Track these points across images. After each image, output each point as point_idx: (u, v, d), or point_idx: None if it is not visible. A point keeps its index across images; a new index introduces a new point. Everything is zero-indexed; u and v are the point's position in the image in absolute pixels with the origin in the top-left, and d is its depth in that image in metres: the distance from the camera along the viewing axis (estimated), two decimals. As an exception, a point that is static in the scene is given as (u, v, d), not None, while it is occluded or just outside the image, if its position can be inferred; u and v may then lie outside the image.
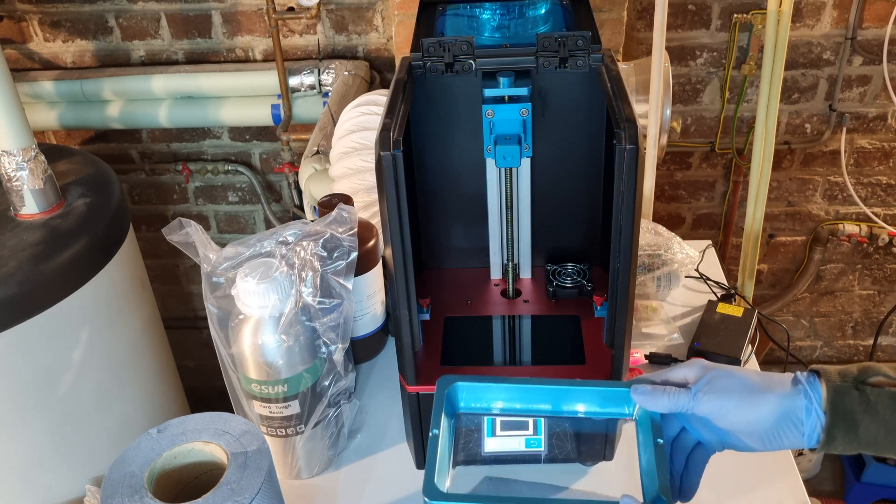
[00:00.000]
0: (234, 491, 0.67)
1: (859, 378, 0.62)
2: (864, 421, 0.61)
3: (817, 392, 0.63)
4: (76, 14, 1.90)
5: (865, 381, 0.62)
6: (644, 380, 0.69)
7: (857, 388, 0.62)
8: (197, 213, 2.20)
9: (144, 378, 1.45)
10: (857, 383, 0.62)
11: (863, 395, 0.61)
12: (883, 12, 1.82)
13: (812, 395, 0.63)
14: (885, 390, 0.62)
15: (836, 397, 0.62)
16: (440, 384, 0.68)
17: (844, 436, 0.62)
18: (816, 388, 0.63)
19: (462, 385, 0.69)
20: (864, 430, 0.61)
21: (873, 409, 0.61)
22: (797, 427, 0.63)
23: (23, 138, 1.24)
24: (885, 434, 0.61)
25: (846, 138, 2.00)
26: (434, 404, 0.67)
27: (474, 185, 0.92)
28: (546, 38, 0.78)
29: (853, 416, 0.61)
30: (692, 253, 1.18)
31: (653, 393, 0.66)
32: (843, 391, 0.62)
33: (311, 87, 1.83)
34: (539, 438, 0.84)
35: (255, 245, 0.86)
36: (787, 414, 0.63)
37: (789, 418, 0.63)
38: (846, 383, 0.62)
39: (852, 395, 0.62)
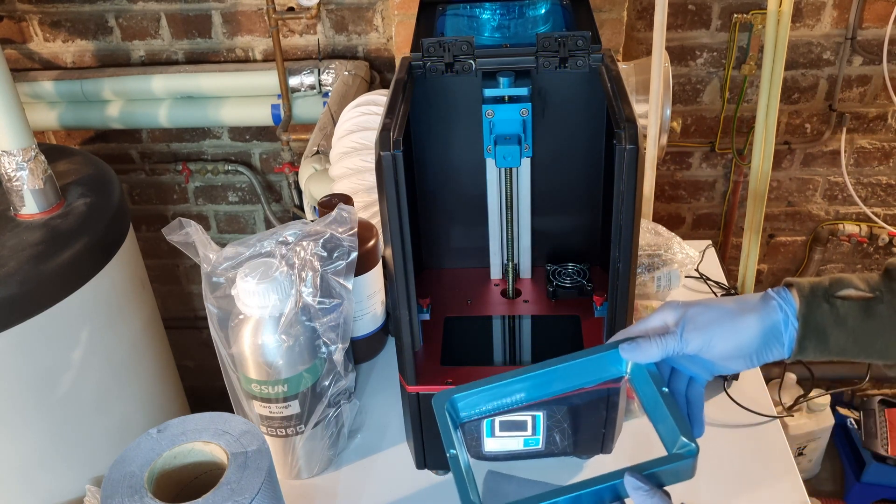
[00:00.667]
0: (234, 491, 0.67)
1: (830, 291, 0.65)
2: (834, 332, 0.64)
3: (791, 305, 0.65)
4: (76, 14, 1.90)
5: (836, 293, 0.65)
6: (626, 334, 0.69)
7: (827, 300, 0.64)
8: (197, 213, 2.20)
9: (144, 378, 1.45)
10: (828, 296, 0.65)
11: (833, 307, 0.64)
12: (883, 12, 1.82)
13: (787, 309, 0.65)
14: (854, 303, 0.64)
15: (808, 310, 0.64)
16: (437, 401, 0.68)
17: (815, 346, 0.65)
18: (790, 300, 0.65)
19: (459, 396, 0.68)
20: (834, 342, 0.64)
21: (842, 321, 0.64)
22: (779, 340, 0.65)
23: (23, 138, 1.24)
24: (853, 344, 0.64)
25: (846, 138, 2.00)
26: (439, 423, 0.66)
27: (474, 185, 0.92)
28: (546, 38, 0.78)
29: (823, 328, 0.64)
30: (692, 253, 1.18)
31: (641, 345, 0.67)
32: (815, 304, 0.64)
33: (311, 87, 1.83)
34: (538, 438, 0.85)
35: (255, 245, 0.86)
36: (769, 331, 0.65)
37: (772, 335, 0.65)
38: (817, 296, 0.65)
39: (823, 307, 0.64)
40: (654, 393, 0.65)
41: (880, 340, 0.64)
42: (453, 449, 0.64)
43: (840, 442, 2.19)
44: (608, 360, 0.69)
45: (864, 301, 0.64)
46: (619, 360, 0.69)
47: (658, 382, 0.66)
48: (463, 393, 0.68)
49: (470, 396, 0.69)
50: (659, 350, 0.66)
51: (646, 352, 0.67)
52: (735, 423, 0.98)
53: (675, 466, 0.60)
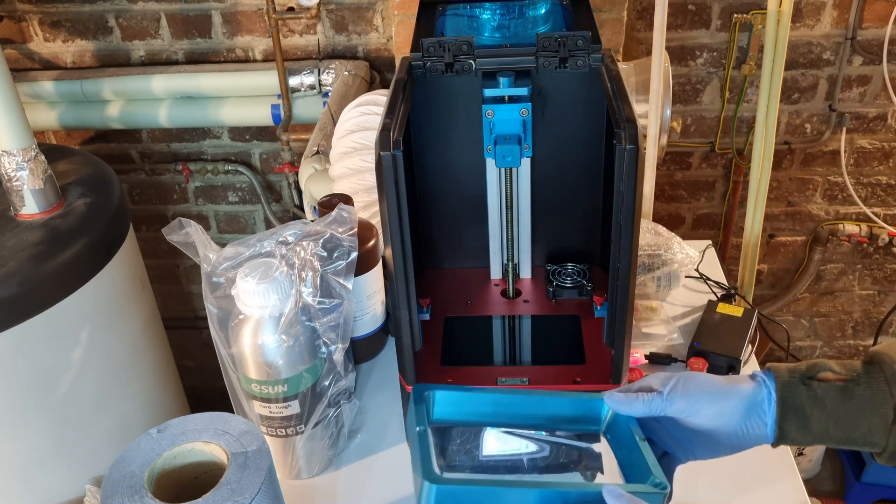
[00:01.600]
0: (234, 491, 0.67)
1: (807, 374, 0.65)
2: (814, 414, 0.63)
3: (772, 384, 0.65)
4: (76, 14, 1.90)
5: (813, 376, 0.65)
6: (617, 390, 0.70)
7: (804, 382, 0.64)
8: (197, 213, 2.20)
9: (144, 378, 1.45)
10: (805, 378, 0.65)
11: (810, 389, 0.64)
12: (883, 12, 1.82)
13: (770, 387, 0.65)
14: (831, 384, 0.64)
15: (785, 391, 0.64)
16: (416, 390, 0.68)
17: (797, 429, 0.64)
18: (772, 380, 0.66)
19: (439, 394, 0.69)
20: (815, 423, 0.64)
21: (821, 402, 0.63)
22: (761, 418, 0.65)
23: (23, 138, 1.24)
24: (834, 426, 0.63)
25: (846, 138, 2.00)
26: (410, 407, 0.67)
27: (474, 185, 0.92)
28: (546, 38, 0.78)
29: (802, 409, 0.64)
30: (692, 253, 1.18)
31: (626, 399, 0.68)
32: (792, 386, 0.64)
33: (311, 87, 1.83)
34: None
35: (255, 245, 0.86)
36: (754, 405, 0.65)
37: (756, 409, 0.65)
38: (794, 379, 0.65)
39: (800, 389, 0.64)
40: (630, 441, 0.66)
41: (863, 424, 0.63)
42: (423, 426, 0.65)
43: (840, 442, 2.18)
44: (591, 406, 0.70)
45: (841, 383, 0.64)
46: (600, 414, 0.70)
47: (636, 433, 0.67)
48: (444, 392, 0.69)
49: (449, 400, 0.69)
50: (643, 406, 0.67)
51: (631, 404, 0.67)
52: (735, 423, 0.98)
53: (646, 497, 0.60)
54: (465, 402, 0.70)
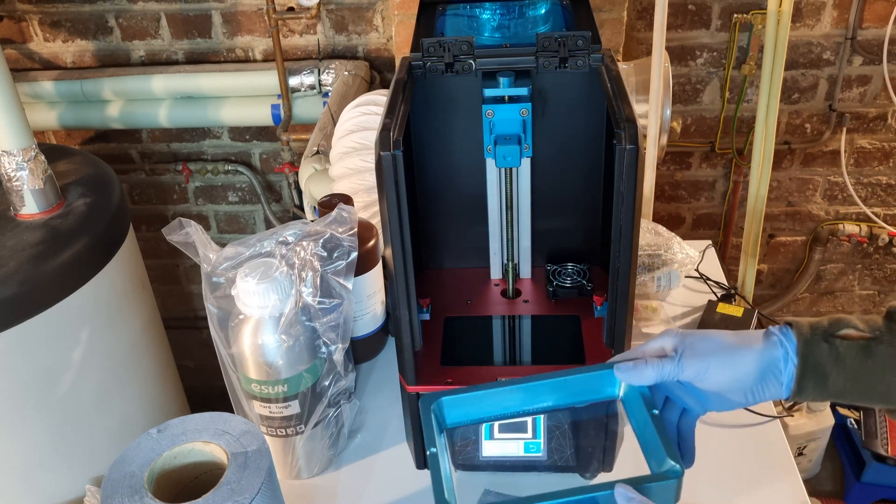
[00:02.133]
0: (234, 491, 0.67)
1: (829, 331, 0.64)
2: (833, 372, 0.63)
3: (792, 342, 0.64)
4: (76, 14, 1.90)
5: (835, 333, 0.64)
6: (623, 357, 0.68)
7: (826, 340, 0.63)
8: (197, 213, 2.20)
9: (144, 378, 1.45)
10: (827, 336, 0.64)
11: (832, 347, 0.63)
12: (883, 12, 1.82)
13: (788, 346, 0.64)
14: (853, 342, 0.63)
15: (806, 349, 0.63)
16: (423, 402, 0.67)
17: (814, 387, 0.63)
18: (791, 338, 0.64)
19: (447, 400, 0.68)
20: (833, 381, 0.63)
21: (842, 361, 0.63)
22: (777, 378, 0.64)
23: (23, 138, 1.24)
24: (852, 385, 0.63)
25: (846, 138, 2.00)
26: (423, 423, 0.66)
27: (474, 185, 0.92)
28: (546, 38, 0.78)
29: (822, 367, 0.63)
30: (692, 253, 1.18)
31: (636, 367, 0.66)
32: (813, 343, 0.63)
33: (311, 87, 1.83)
34: (538, 442, 0.84)
35: (255, 245, 0.86)
36: (768, 366, 0.64)
37: (770, 370, 0.64)
38: (816, 335, 0.64)
39: (822, 347, 0.63)
40: (644, 416, 0.65)
41: (881, 382, 0.62)
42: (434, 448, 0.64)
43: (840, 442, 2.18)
44: (602, 380, 0.69)
45: (863, 341, 0.63)
46: (614, 382, 0.68)
47: (649, 405, 0.65)
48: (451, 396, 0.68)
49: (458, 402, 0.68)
50: (654, 373, 0.65)
51: (641, 374, 0.66)
52: (735, 423, 0.98)
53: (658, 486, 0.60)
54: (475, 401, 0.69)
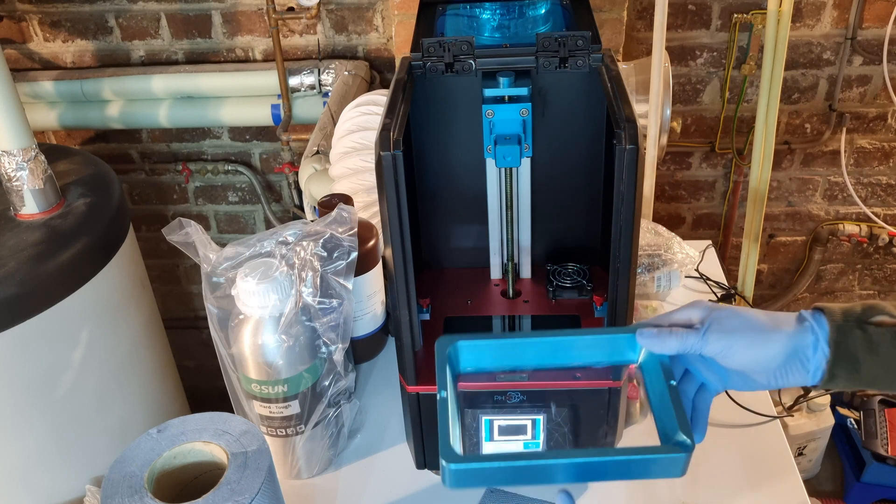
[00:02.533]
0: (234, 491, 0.67)
1: (863, 317, 0.62)
2: (867, 360, 0.61)
3: (823, 329, 0.62)
4: (76, 14, 1.90)
5: (869, 320, 0.62)
6: (649, 323, 0.67)
7: (860, 327, 0.62)
8: (197, 213, 2.20)
9: (144, 378, 1.45)
10: (861, 322, 0.62)
11: (865, 334, 0.61)
12: (883, 12, 1.82)
13: (819, 333, 0.62)
14: (888, 329, 0.62)
15: (840, 336, 0.62)
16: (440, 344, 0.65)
17: (846, 374, 0.62)
18: (823, 324, 0.63)
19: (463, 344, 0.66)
20: (866, 370, 0.61)
21: (875, 348, 0.61)
22: (803, 364, 0.63)
23: (23, 138, 1.24)
24: (884, 373, 0.62)
25: (846, 138, 2.00)
26: (437, 366, 0.65)
27: (474, 185, 0.92)
28: (546, 38, 0.78)
29: (855, 355, 0.61)
30: (692, 253, 1.18)
31: (660, 335, 0.64)
32: (847, 330, 0.62)
33: (311, 87, 1.83)
34: (537, 442, 0.84)
35: (255, 245, 0.86)
36: (796, 351, 0.63)
37: (797, 356, 0.63)
38: (849, 322, 0.62)
39: (855, 334, 0.62)
40: (661, 385, 0.63)
41: None
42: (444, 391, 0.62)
43: (840, 442, 2.19)
44: (623, 344, 0.67)
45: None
46: (634, 347, 0.66)
47: (668, 375, 0.64)
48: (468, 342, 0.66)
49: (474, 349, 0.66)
50: (677, 343, 0.64)
51: (664, 342, 0.64)
52: (735, 423, 0.98)
53: (666, 457, 0.59)
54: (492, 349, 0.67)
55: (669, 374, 0.64)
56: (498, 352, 0.67)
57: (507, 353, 0.67)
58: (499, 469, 0.58)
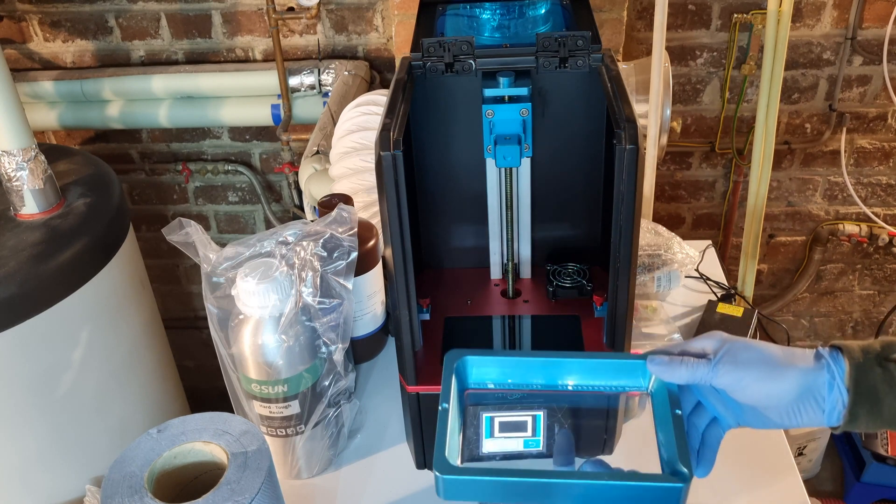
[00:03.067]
0: (234, 491, 0.67)
1: (883, 354, 0.60)
2: (889, 398, 0.59)
3: (840, 367, 0.60)
4: (76, 14, 1.90)
5: (889, 357, 0.60)
6: (661, 351, 0.66)
7: (880, 364, 0.60)
8: (197, 213, 2.20)
9: (144, 378, 1.45)
10: (881, 360, 0.60)
11: (886, 371, 0.59)
12: (883, 12, 1.82)
13: (835, 371, 0.60)
14: None
15: (860, 374, 0.60)
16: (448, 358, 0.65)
17: (868, 414, 0.60)
18: (840, 363, 0.61)
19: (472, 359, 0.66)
20: (888, 408, 0.59)
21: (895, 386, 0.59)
22: (818, 403, 0.61)
23: (23, 138, 1.24)
24: None
25: (846, 138, 2.00)
26: (443, 378, 0.65)
27: (474, 185, 0.92)
28: (546, 38, 0.78)
29: (877, 393, 0.59)
30: (692, 253, 1.18)
31: (670, 363, 0.63)
32: (867, 368, 0.60)
33: (311, 87, 1.83)
34: (538, 440, 0.84)
35: (255, 245, 0.86)
36: (809, 389, 0.61)
37: (811, 394, 0.61)
38: (869, 359, 0.60)
39: (875, 371, 0.60)
40: (667, 414, 0.63)
41: None
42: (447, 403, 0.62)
43: (840, 442, 2.19)
44: (634, 370, 0.66)
45: None
46: (645, 374, 0.66)
47: (674, 404, 0.63)
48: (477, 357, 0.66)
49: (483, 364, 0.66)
50: (687, 373, 0.62)
51: (673, 371, 0.63)
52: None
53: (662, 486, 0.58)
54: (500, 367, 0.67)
55: (676, 402, 0.63)
56: (506, 369, 0.67)
57: (515, 371, 0.67)
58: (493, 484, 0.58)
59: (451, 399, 0.63)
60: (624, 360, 0.66)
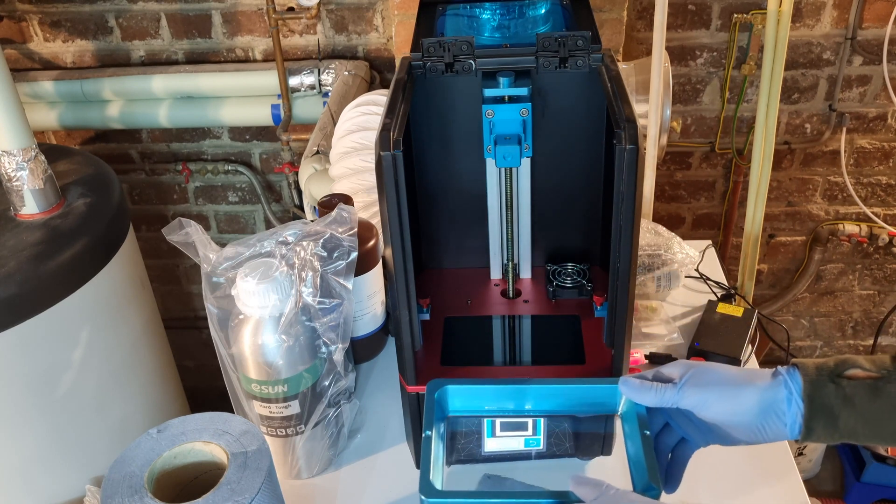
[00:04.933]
0: (234, 491, 0.67)
1: (836, 371, 0.64)
2: (843, 413, 0.62)
3: (797, 383, 0.64)
4: (76, 14, 1.90)
5: (842, 373, 0.63)
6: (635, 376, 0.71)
7: (833, 381, 0.63)
8: (197, 213, 2.20)
9: (144, 378, 1.45)
10: (834, 376, 0.63)
11: (839, 387, 0.63)
12: (883, 12, 1.82)
13: (792, 387, 0.64)
14: (862, 382, 0.62)
15: (813, 390, 0.63)
16: (430, 388, 0.71)
17: (824, 428, 0.63)
18: (796, 379, 0.64)
19: (452, 388, 0.71)
20: (844, 423, 0.62)
21: (850, 401, 0.62)
22: (780, 418, 0.64)
23: (23, 138, 1.24)
24: (863, 425, 0.62)
25: (846, 138, 2.00)
26: (425, 407, 0.69)
27: (474, 185, 0.92)
28: (546, 38, 0.78)
29: (831, 408, 0.62)
30: (692, 253, 1.18)
31: (640, 387, 0.68)
32: (820, 384, 0.63)
33: (311, 87, 1.83)
34: (538, 438, 0.84)
35: (255, 245, 0.86)
36: (769, 405, 0.64)
37: (772, 409, 0.64)
38: (822, 377, 0.63)
39: (828, 388, 0.63)
40: (636, 434, 0.67)
41: (892, 421, 0.62)
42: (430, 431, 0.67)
43: (840, 442, 2.18)
44: (606, 394, 0.71)
45: (871, 381, 0.62)
46: (616, 397, 0.71)
47: (643, 425, 0.68)
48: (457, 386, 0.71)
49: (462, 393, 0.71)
50: (655, 395, 0.67)
51: (643, 394, 0.68)
52: (735, 423, 0.98)
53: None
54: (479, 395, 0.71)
55: (645, 424, 0.68)
56: (484, 396, 0.72)
57: (492, 398, 0.72)
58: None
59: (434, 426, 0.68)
60: (596, 384, 0.72)
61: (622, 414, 0.71)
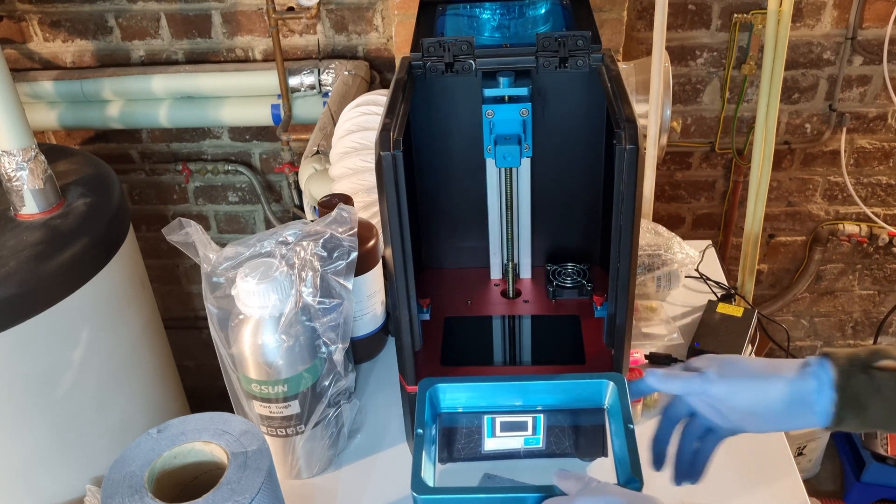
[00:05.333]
0: (234, 491, 0.67)
1: (867, 361, 0.64)
2: (873, 403, 0.63)
3: (827, 374, 0.64)
4: (76, 14, 1.90)
5: (873, 364, 0.64)
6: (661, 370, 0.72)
7: (864, 371, 0.64)
8: (197, 213, 2.20)
9: (144, 378, 1.45)
10: (865, 367, 0.64)
11: (871, 378, 0.63)
12: (883, 12, 1.82)
13: (823, 377, 0.64)
14: (892, 373, 0.63)
15: (844, 381, 0.64)
16: (421, 386, 0.72)
17: (853, 418, 0.64)
18: (827, 369, 0.65)
19: (442, 387, 0.72)
20: (873, 413, 0.63)
21: (880, 392, 0.63)
22: (810, 408, 0.65)
23: (23, 138, 1.24)
24: (891, 415, 0.63)
25: (846, 138, 2.00)
26: (417, 406, 0.70)
27: (474, 185, 0.92)
28: (546, 38, 0.78)
29: (861, 399, 0.63)
30: (692, 253, 1.18)
31: (666, 376, 0.69)
32: (851, 374, 0.64)
33: (311, 87, 1.83)
34: (538, 437, 0.84)
35: (255, 245, 0.86)
36: (798, 396, 0.65)
37: (801, 401, 0.65)
38: (854, 367, 0.64)
39: (860, 378, 0.63)
40: (621, 428, 0.69)
41: None
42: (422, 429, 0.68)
43: (840, 442, 2.19)
44: (592, 389, 0.73)
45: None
46: (602, 392, 0.72)
47: (627, 419, 0.69)
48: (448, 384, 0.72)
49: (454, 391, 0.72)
50: (682, 384, 0.68)
51: (669, 382, 0.69)
52: (735, 423, 0.98)
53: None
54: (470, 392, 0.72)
55: (628, 418, 0.69)
56: (475, 393, 0.73)
57: (483, 395, 0.73)
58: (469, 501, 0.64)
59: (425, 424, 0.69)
60: (584, 380, 0.73)
61: (607, 409, 0.72)
